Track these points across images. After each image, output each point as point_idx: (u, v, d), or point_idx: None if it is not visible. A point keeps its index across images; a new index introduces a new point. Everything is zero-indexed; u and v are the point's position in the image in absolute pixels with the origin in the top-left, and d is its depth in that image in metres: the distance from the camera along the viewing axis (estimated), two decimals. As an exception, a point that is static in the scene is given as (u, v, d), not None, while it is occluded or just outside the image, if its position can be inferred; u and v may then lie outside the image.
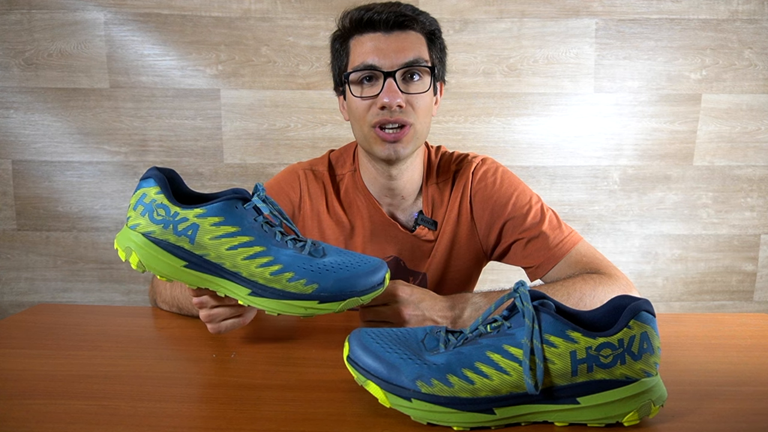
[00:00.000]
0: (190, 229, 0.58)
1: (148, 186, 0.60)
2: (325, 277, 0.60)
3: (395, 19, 0.82)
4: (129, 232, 0.60)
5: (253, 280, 0.60)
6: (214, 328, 0.67)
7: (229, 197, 0.60)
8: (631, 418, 0.47)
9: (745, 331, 0.75)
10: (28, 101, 1.70)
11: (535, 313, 0.47)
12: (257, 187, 0.63)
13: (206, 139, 1.74)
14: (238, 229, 0.59)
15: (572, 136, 1.76)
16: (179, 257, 0.59)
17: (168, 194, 0.60)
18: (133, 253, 0.60)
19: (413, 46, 0.83)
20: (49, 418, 0.49)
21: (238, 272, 0.60)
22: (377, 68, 0.82)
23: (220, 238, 0.59)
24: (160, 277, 0.61)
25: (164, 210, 0.59)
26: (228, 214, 0.59)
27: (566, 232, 0.88)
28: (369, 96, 0.83)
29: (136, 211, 0.60)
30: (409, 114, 0.83)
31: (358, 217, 0.94)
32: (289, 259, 0.60)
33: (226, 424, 0.49)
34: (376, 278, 0.63)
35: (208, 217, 0.59)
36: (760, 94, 1.74)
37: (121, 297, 1.81)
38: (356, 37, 0.85)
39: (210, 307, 0.66)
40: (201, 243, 0.59)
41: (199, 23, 1.68)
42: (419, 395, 0.47)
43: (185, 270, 0.60)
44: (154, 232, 0.59)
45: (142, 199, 0.60)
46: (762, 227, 1.82)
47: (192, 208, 0.59)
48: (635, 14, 1.70)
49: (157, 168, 0.61)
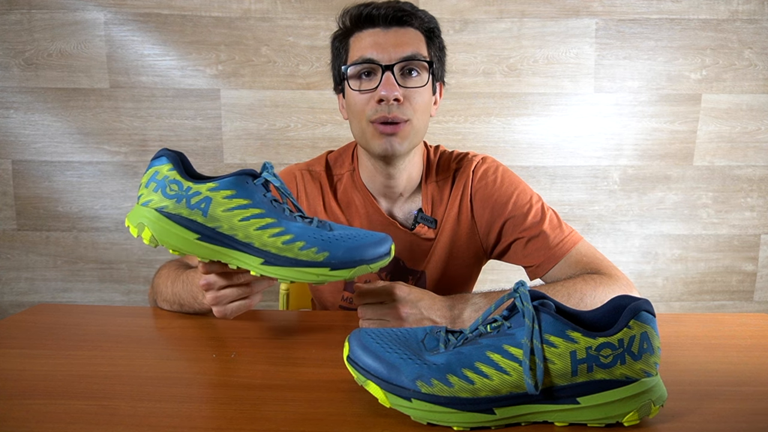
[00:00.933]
0: (203, 202, 0.60)
1: (161, 164, 0.62)
2: (336, 246, 0.61)
3: (394, 14, 0.83)
4: (141, 208, 0.62)
5: (265, 250, 0.61)
6: (221, 311, 0.66)
7: (240, 173, 0.62)
8: (631, 418, 0.47)
9: (745, 331, 0.75)
10: (28, 101, 1.70)
11: (535, 313, 0.47)
12: (266, 165, 0.64)
13: (206, 139, 1.74)
14: (250, 201, 0.61)
15: (572, 136, 1.76)
16: (192, 230, 0.61)
17: (180, 170, 0.61)
18: (146, 229, 0.61)
19: (411, 41, 0.84)
20: (49, 418, 0.49)
21: (250, 242, 0.61)
22: (375, 62, 0.82)
23: (233, 210, 0.60)
24: (173, 251, 0.62)
25: (177, 185, 0.61)
26: (239, 187, 0.61)
27: (566, 231, 0.88)
28: (367, 90, 0.83)
29: (149, 188, 0.62)
30: (406, 110, 0.83)
31: (356, 217, 0.94)
32: (299, 230, 0.61)
33: (226, 424, 0.49)
34: (383, 249, 0.64)
35: (220, 190, 0.60)
36: (760, 94, 1.74)
37: (121, 297, 1.81)
38: (356, 34, 0.86)
39: (217, 288, 0.66)
40: (214, 215, 0.60)
41: (199, 23, 1.68)
42: (419, 395, 0.47)
43: (198, 243, 0.61)
44: (167, 206, 0.60)
45: (154, 176, 0.62)
46: (762, 227, 1.82)
47: (204, 182, 0.61)
48: (635, 14, 1.70)
49: (167, 149, 0.63)
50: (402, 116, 0.82)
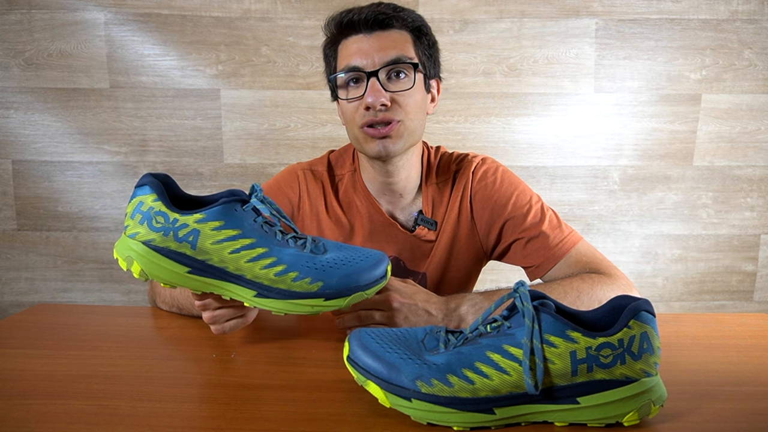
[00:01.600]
0: (191, 234, 0.58)
1: (144, 194, 0.59)
2: (329, 275, 0.60)
3: (375, 18, 0.82)
4: (128, 241, 0.59)
5: (258, 282, 0.60)
6: (218, 329, 0.67)
7: (228, 200, 0.59)
8: (631, 418, 0.47)
9: (745, 331, 0.75)
10: (28, 101, 1.70)
11: (535, 313, 0.47)
12: (254, 188, 0.63)
13: (206, 139, 1.74)
14: (240, 231, 0.59)
15: (572, 136, 1.76)
16: (182, 263, 0.59)
17: (165, 200, 0.59)
18: (135, 263, 0.59)
19: (395, 44, 0.83)
20: (49, 418, 0.49)
21: (242, 275, 0.60)
22: (360, 69, 0.82)
23: (222, 242, 0.58)
24: (164, 285, 0.60)
25: (163, 217, 0.58)
26: (228, 217, 0.59)
27: (566, 231, 0.88)
28: (354, 98, 0.83)
29: (134, 220, 0.59)
30: (396, 112, 0.83)
31: (357, 217, 0.94)
32: (292, 258, 0.60)
33: (226, 424, 0.49)
34: (378, 272, 0.63)
35: (208, 222, 0.58)
36: (760, 94, 1.74)
37: (121, 297, 1.81)
38: (342, 42, 0.86)
39: (213, 309, 0.66)
40: (203, 248, 0.58)
41: (199, 23, 1.68)
42: (419, 395, 0.47)
43: (189, 276, 0.59)
44: (155, 240, 0.58)
45: (139, 207, 0.59)
46: (762, 227, 1.82)
47: (191, 214, 0.58)
48: (635, 14, 1.70)
49: (151, 174, 0.60)
50: (390, 117, 0.82)
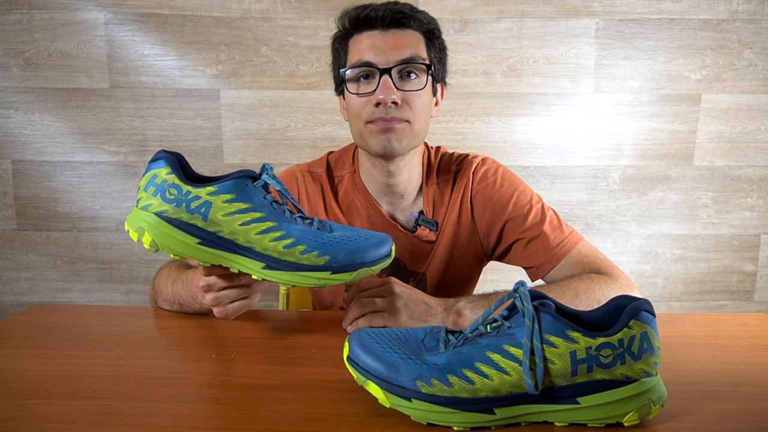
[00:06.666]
0: (203, 206, 0.60)
1: (159, 167, 0.61)
2: (337, 249, 0.61)
3: (392, 16, 0.82)
4: (140, 212, 0.61)
5: (266, 254, 0.61)
6: (221, 311, 0.67)
7: (240, 176, 0.61)
8: (631, 418, 0.47)
9: (745, 331, 0.75)
10: (28, 101, 1.70)
11: (535, 313, 0.47)
12: (265, 167, 0.64)
13: (206, 139, 1.74)
14: (250, 205, 0.61)
15: (572, 136, 1.76)
16: (193, 235, 0.60)
17: (179, 174, 0.61)
18: (146, 233, 0.61)
19: (410, 44, 0.83)
20: (49, 418, 0.49)
21: (251, 247, 0.61)
22: (373, 65, 0.82)
23: (233, 214, 0.60)
24: (174, 256, 0.61)
25: (176, 189, 0.60)
26: (239, 191, 0.61)
27: (567, 232, 0.88)
28: (365, 93, 0.83)
29: (147, 192, 0.61)
30: (404, 111, 0.83)
31: (357, 218, 0.94)
32: (300, 233, 0.61)
33: (226, 424, 0.49)
34: (383, 250, 0.64)
35: (220, 194, 0.60)
36: (760, 94, 1.74)
37: (121, 297, 1.81)
38: (355, 36, 0.86)
39: (217, 289, 0.66)
40: (214, 220, 0.60)
41: (199, 23, 1.68)
42: (419, 395, 0.47)
43: (199, 247, 0.61)
44: (167, 211, 0.60)
45: (153, 179, 0.61)
46: (762, 227, 1.82)
47: (204, 187, 0.60)
48: (635, 14, 1.70)
49: (165, 150, 0.62)
50: (400, 117, 0.82)
